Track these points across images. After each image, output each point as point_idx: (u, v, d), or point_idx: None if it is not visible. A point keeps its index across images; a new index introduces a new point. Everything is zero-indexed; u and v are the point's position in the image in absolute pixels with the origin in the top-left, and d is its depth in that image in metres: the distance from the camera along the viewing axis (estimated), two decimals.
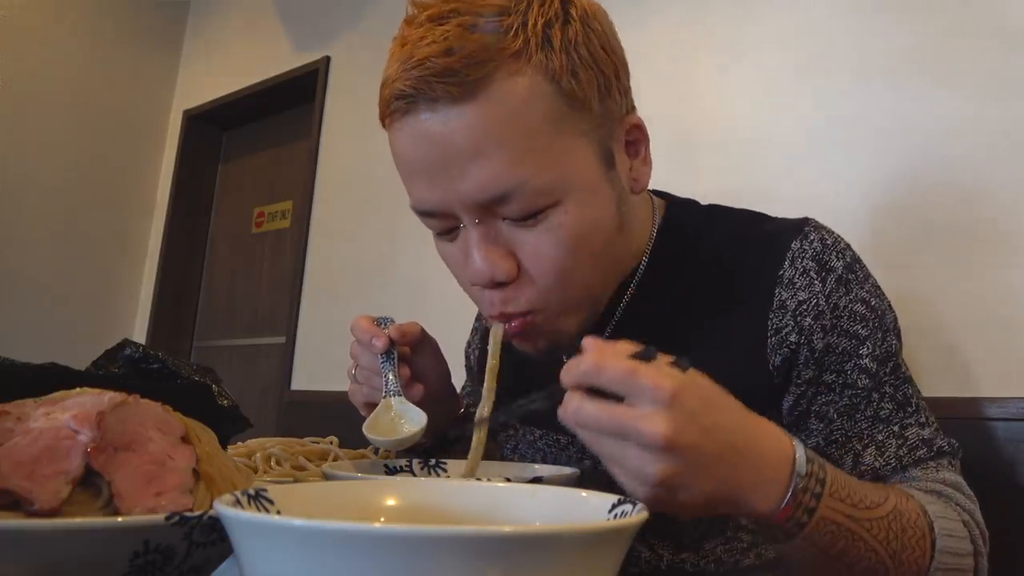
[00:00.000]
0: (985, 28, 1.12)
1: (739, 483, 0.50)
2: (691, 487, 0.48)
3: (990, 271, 1.05)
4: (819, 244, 0.69)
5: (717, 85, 1.41)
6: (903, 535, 0.57)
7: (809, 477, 0.52)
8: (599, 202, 0.64)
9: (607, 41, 0.64)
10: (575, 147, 0.62)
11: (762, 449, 0.51)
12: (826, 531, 0.53)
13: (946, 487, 0.65)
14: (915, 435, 0.67)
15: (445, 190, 0.61)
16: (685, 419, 0.46)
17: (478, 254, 0.62)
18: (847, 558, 0.55)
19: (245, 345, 2.70)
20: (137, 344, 0.58)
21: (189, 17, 3.15)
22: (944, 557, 0.59)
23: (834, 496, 0.53)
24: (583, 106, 0.61)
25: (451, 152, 0.59)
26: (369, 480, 0.49)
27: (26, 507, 0.38)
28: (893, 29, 1.21)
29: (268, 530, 0.29)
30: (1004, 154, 1.07)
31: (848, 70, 1.25)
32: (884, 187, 1.17)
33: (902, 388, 0.69)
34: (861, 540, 0.55)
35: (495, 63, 0.58)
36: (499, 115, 0.58)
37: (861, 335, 0.68)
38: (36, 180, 2.66)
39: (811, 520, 0.52)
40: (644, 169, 0.70)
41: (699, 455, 0.47)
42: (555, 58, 0.60)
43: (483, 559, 0.26)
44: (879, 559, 0.55)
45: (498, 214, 0.62)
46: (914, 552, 0.57)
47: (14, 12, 2.63)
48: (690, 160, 1.41)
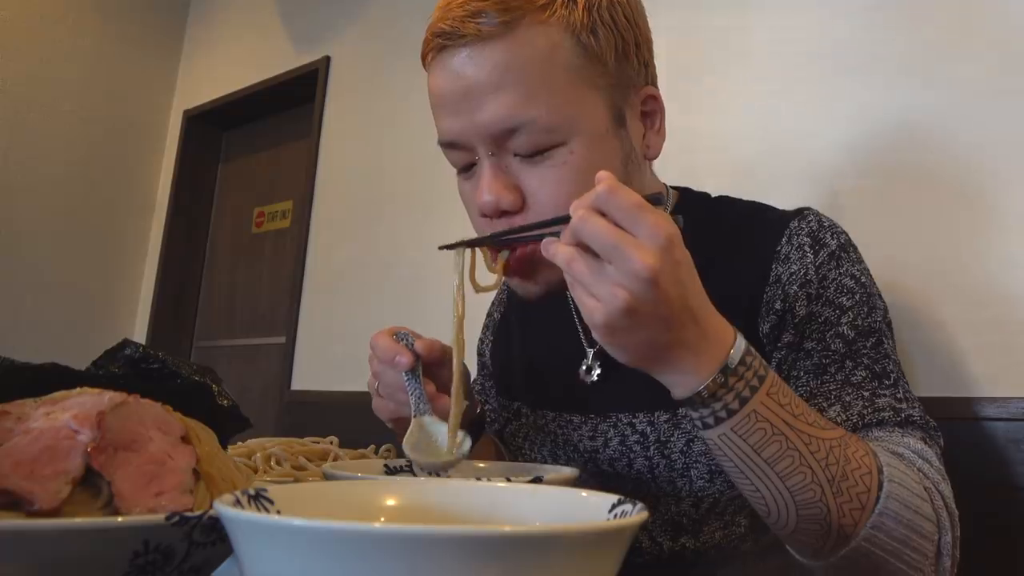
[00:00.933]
0: (985, 28, 1.12)
1: (679, 346, 0.54)
2: (640, 331, 0.52)
3: (990, 271, 1.05)
4: (816, 224, 0.73)
5: (717, 86, 1.41)
6: (846, 465, 0.56)
7: (746, 367, 0.54)
8: (603, 150, 0.69)
9: (631, 13, 0.71)
10: (587, 97, 0.68)
11: (710, 322, 0.55)
12: (757, 427, 0.54)
13: (910, 452, 0.63)
14: (886, 404, 0.66)
15: (465, 121, 0.67)
16: (670, 265, 0.51)
17: (486, 184, 0.68)
18: (778, 466, 0.55)
19: (245, 345, 2.70)
20: (137, 344, 0.58)
21: (189, 17, 3.15)
22: (892, 503, 0.57)
23: (772, 397, 0.55)
24: (599, 61, 0.68)
25: (473, 85, 0.66)
26: (369, 480, 0.49)
27: (26, 507, 0.38)
28: (893, 29, 1.21)
29: (268, 530, 0.29)
30: (1005, 154, 1.07)
31: (848, 70, 1.25)
32: (885, 187, 1.17)
33: (882, 362, 0.68)
34: (795, 451, 0.55)
35: (522, 11, 0.65)
36: (520, 56, 0.65)
37: (844, 306, 0.70)
38: (36, 180, 2.66)
39: (741, 409, 0.54)
40: (657, 139, 0.75)
41: (664, 304, 0.51)
42: (577, 14, 0.66)
43: (483, 559, 0.26)
44: (815, 478, 0.55)
45: (509, 149, 0.68)
46: (856, 486, 0.56)
47: (14, 12, 2.63)
48: (689, 161, 1.41)
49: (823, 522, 0.56)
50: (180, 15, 3.13)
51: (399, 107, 2.13)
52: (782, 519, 0.57)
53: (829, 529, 0.56)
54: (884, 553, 0.57)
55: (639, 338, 0.53)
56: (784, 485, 0.56)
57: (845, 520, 0.56)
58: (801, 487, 0.55)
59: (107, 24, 2.89)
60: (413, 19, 2.15)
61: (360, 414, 1.00)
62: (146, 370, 0.56)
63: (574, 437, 0.79)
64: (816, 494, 0.55)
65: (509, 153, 0.68)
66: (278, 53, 2.61)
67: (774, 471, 0.55)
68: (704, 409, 0.55)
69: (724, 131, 1.39)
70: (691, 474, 0.72)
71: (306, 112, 2.53)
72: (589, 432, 0.78)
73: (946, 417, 1.02)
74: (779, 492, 0.56)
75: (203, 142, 2.98)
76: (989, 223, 1.06)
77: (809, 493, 0.55)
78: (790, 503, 0.56)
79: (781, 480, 0.55)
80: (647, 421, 0.73)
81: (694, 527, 0.74)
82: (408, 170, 2.03)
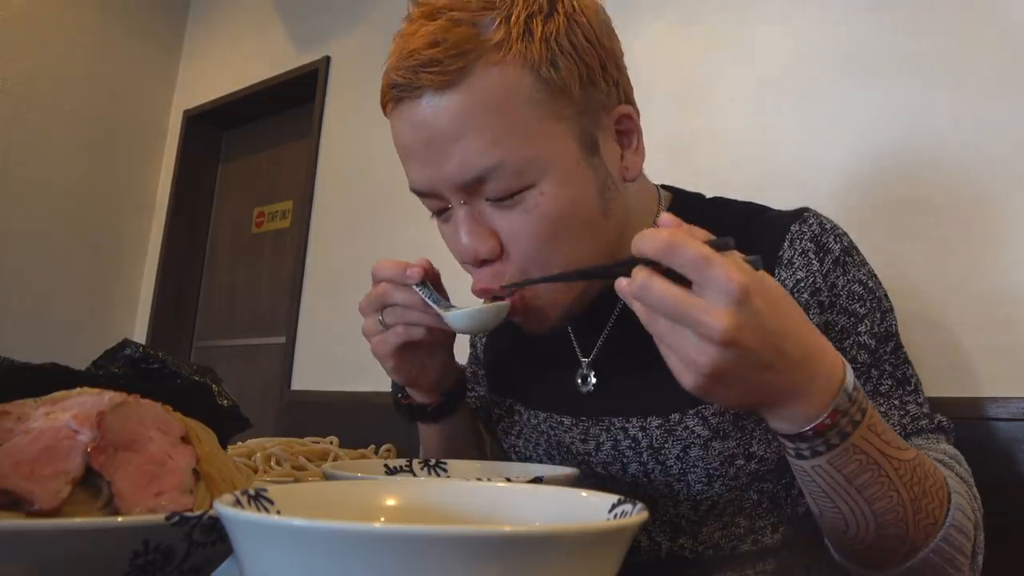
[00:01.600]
0: (985, 28, 1.12)
1: (784, 391, 0.51)
2: (737, 385, 0.50)
3: (990, 271, 1.05)
4: (817, 227, 0.71)
5: (716, 86, 1.41)
6: (924, 481, 0.56)
7: (853, 403, 0.52)
8: (576, 185, 0.66)
9: (593, 34, 0.67)
10: (553, 132, 0.65)
11: (814, 363, 0.51)
12: (854, 459, 0.53)
13: (948, 458, 0.65)
14: (915, 410, 0.68)
15: (432, 172, 0.66)
16: (749, 318, 0.47)
17: (463, 233, 0.67)
18: (868, 492, 0.54)
19: (245, 345, 2.70)
20: (137, 344, 0.58)
21: (189, 17, 3.15)
22: (957, 515, 0.58)
23: (871, 430, 0.53)
24: (563, 93, 0.64)
25: (436, 136, 0.64)
26: (369, 480, 0.49)
27: (26, 507, 0.38)
28: (893, 29, 1.21)
29: (268, 530, 0.29)
30: (1005, 153, 1.07)
31: (848, 71, 1.25)
32: (885, 187, 1.17)
33: (901, 368, 0.70)
34: (886, 477, 0.54)
35: (475, 54, 0.62)
36: (478, 101, 0.62)
37: (859, 313, 0.69)
38: (36, 180, 2.66)
39: (842, 443, 0.52)
40: (636, 158, 0.72)
41: (754, 356, 0.48)
42: (535, 48, 0.63)
43: (483, 559, 0.26)
44: (900, 500, 0.55)
45: (481, 194, 0.65)
46: (932, 501, 0.57)
47: (14, 12, 2.63)
48: (688, 160, 1.41)
49: (901, 539, 0.57)
50: (180, 15, 3.13)
51: None
52: (860, 535, 0.57)
53: (903, 544, 0.57)
54: (942, 561, 0.58)
55: (732, 393, 0.51)
56: (871, 508, 0.55)
57: (919, 536, 0.57)
58: (887, 509, 0.55)
59: (107, 24, 2.89)
60: None
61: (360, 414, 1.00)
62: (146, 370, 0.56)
63: (566, 439, 0.79)
64: (900, 515, 0.56)
65: (481, 199, 0.66)
66: (278, 53, 2.61)
67: (863, 496, 0.55)
68: (802, 443, 0.53)
69: (724, 131, 1.39)
70: (688, 478, 0.71)
71: (306, 112, 2.53)
72: (581, 435, 0.77)
73: (950, 417, 1.03)
74: (864, 514, 0.56)
75: (203, 142, 2.98)
76: (995, 224, 1.06)
77: (893, 514, 0.55)
78: (872, 523, 0.56)
79: (868, 504, 0.55)
80: (639, 427, 0.73)
81: (692, 528, 0.73)
82: None
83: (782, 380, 0.50)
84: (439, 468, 0.70)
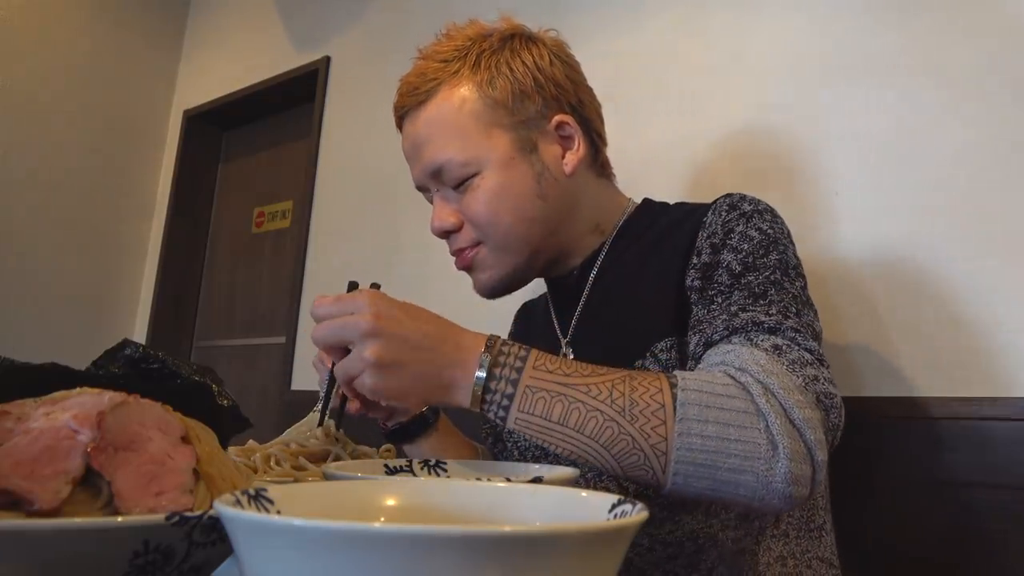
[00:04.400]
0: (984, 27, 1.12)
1: (443, 367, 0.63)
2: (403, 370, 0.62)
3: (990, 270, 1.05)
4: (738, 198, 0.83)
5: (715, 87, 1.41)
6: (632, 393, 0.62)
7: (505, 355, 0.63)
8: (513, 174, 0.85)
9: (532, 63, 0.87)
10: (492, 135, 0.85)
11: (456, 337, 0.64)
12: (537, 399, 0.62)
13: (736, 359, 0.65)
14: (751, 315, 0.69)
15: (416, 168, 0.90)
16: (385, 312, 0.62)
17: (434, 212, 0.89)
18: (572, 421, 0.61)
19: (245, 345, 2.70)
20: (137, 344, 0.58)
21: (189, 17, 3.15)
22: (690, 409, 0.60)
23: (540, 369, 0.63)
24: (500, 106, 0.86)
25: (415, 141, 0.88)
26: (369, 480, 0.49)
27: (26, 507, 0.38)
28: (893, 29, 1.21)
29: (268, 530, 0.29)
30: (1006, 153, 1.07)
31: (848, 70, 1.25)
32: (886, 187, 1.17)
33: (764, 287, 0.72)
34: (579, 403, 0.61)
35: (438, 80, 0.87)
36: (438, 113, 0.86)
37: (741, 249, 0.76)
38: (36, 180, 2.66)
39: (516, 391, 0.62)
40: (573, 157, 0.90)
41: (402, 339, 0.61)
42: (480, 74, 0.86)
43: (483, 559, 0.26)
44: (606, 417, 0.61)
45: (445, 183, 0.87)
46: (648, 407, 0.61)
47: (14, 12, 2.62)
48: (688, 161, 1.41)
49: (636, 451, 0.61)
50: (180, 15, 3.13)
51: None
52: (607, 465, 0.62)
53: (645, 454, 0.61)
54: (709, 454, 0.59)
55: (408, 378, 0.62)
56: (585, 435, 0.61)
57: (653, 439, 0.60)
58: (599, 430, 0.61)
59: (107, 24, 2.88)
60: (413, 19, 2.15)
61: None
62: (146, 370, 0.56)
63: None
64: (615, 430, 0.60)
65: (447, 187, 0.88)
66: (278, 53, 2.61)
67: (571, 428, 0.61)
68: (489, 406, 0.63)
69: (724, 131, 1.39)
70: None
71: (306, 112, 2.53)
72: None
73: (947, 417, 1.03)
74: (585, 444, 0.61)
75: (203, 142, 2.98)
76: (991, 223, 1.06)
77: (608, 431, 0.61)
78: (600, 448, 0.61)
79: (580, 432, 0.61)
80: None
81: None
82: (408, 170, 2.03)
83: (436, 357, 0.62)
84: (439, 468, 0.70)
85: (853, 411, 1.07)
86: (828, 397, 0.64)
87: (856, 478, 1.05)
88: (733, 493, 0.60)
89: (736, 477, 0.59)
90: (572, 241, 0.92)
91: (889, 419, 1.07)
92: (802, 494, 0.60)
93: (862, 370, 1.12)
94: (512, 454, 0.94)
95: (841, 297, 1.16)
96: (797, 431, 0.61)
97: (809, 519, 0.81)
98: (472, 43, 0.88)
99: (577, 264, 0.93)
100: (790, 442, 0.60)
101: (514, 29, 0.91)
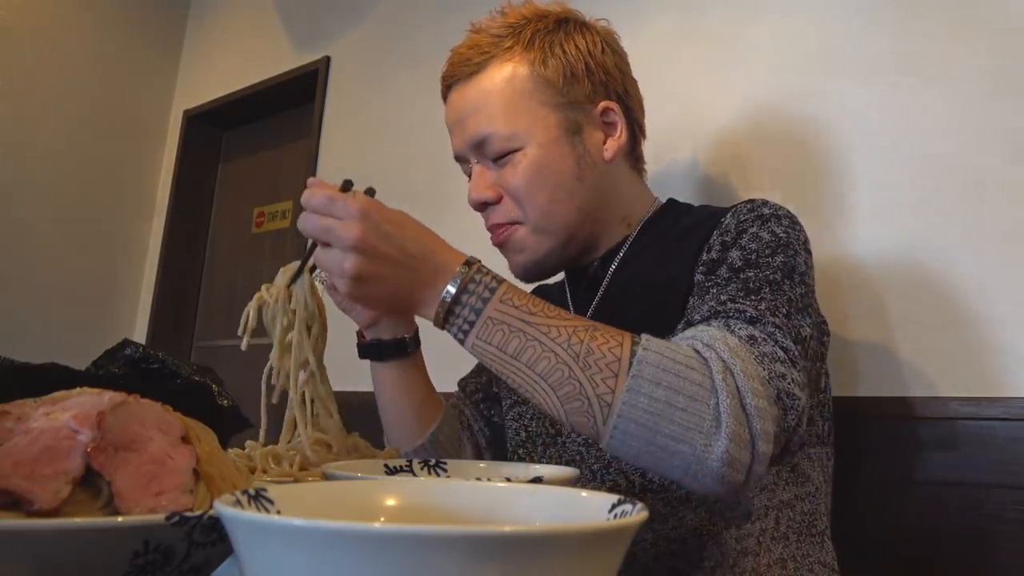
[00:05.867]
0: (985, 28, 1.12)
1: (417, 284, 0.66)
2: (380, 284, 0.65)
3: (991, 270, 1.05)
4: (760, 202, 0.84)
5: (715, 87, 1.41)
6: (591, 342, 0.63)
7: (476, 283, 0.65)
8: (555, 153, 0.87)
9: (585, 48, 0.89)
10: (538, 113, 0.87)
11: (435, 256, 0.67)
12: (496, 330, 0.64)
13: (707, 337, 0.65)
14: (738, 306, 0.69)
15: (458, 139, 0.91)
16: (371, 227, 0.64)
17: (472, 185, 0.90)
18: (525, 357, 0.63)
19: None
20: (137, 344, 0.58)
21: (189, 17, 3.15)
22: (646, 368, 0.60)
23: (505, 303, 0.65)
24: (549, 85, 0.87)
25: (461, 112, 0.89)
26: (369, 480, 0.49)
27: (26, 507, 0.38)
28: (895, 29, 1.21)
29: (268, 530, 0.29)
30: (1005, 153, 1.07)
31: (847, 70, 1.25)
32: (887, 186, 1.17)
33: (758, 284, 0.72)
34: (536, 340, 0.63)
35: (491, 54, 0.88)
36: (487, 86, 0.87)
37: (750, 249, 0.76)
38: (36, 180, 2.66)
39: (479, 318, 0.65)
40: (613, 144, 0.91)
41: (383, 256, 0.64)
42: (533, 52, 0.88)
43: (483, 559, 0.26)
44: (559, 358, 0.62)
45: (486, 155, 0.88)
46: (604, 357, 0.62)
47: (13, 12, 2.62)
48: (687, 161, 1.41)
49: (582, 397, 0.61)
50: (180, 15, 3.13)
51: (399, 107, 2.13)
52: (551, 405, 0.63)
53: (590, 402, 0.61)
54: (652, 416, 0.59)
55: (383, 292, 0.66)
56: (535, 373, 0.63)
57: (600, 389, 0.61)
58: (549, 370, 0.62)
59: (107, 24, 2.88)
60: (413, 19, 2.15)
61: (360, 414, 1.00)
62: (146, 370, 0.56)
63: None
64: (565, 373, 0.62)
65: (488, 159, 0.88)
66: (278, 53, 2.61)
67: (523, 363, 0.63)
68: (451, 327, 0.66)
69: (726, 130, 1.39)
70: None
71: (306, 112, 2.53)
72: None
73: (947, 417, 1.03)
74: (534, 381, 0.63)
75: (203, 142, 2.98)
76: (992, 223, 1.06)
77: (558, 373, 0.62)
78: (547, 388, 0.62)
79: (531, 369, 0.63)
80: None
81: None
82: (408, 170, 2.03)
83: (412, 276, 0.65)
84: (439, 468, 0.70)
85: (852, 411, 1.08)
86: (789, 397, 0.63)
87: (856, 478, 1.05)
88: (668, 463, 0.60)
89: (673, 445, 0.59)
90: (602, 229, 0.92)
91: (889, 419, 1.07)
92: (736, 479, 0.60)
93: (862, 370, 1.12)
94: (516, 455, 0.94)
95: (841, 297, 1.16)
96: (746, 416, 0.60)
97: (811, 524, 0.81)
98: (527, 22, 0.89)
99: (600, 254, 0.94)
100: (735, 425, 0.59)
101: (568, 13, 0.93)
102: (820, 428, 0.86)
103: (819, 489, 0.83)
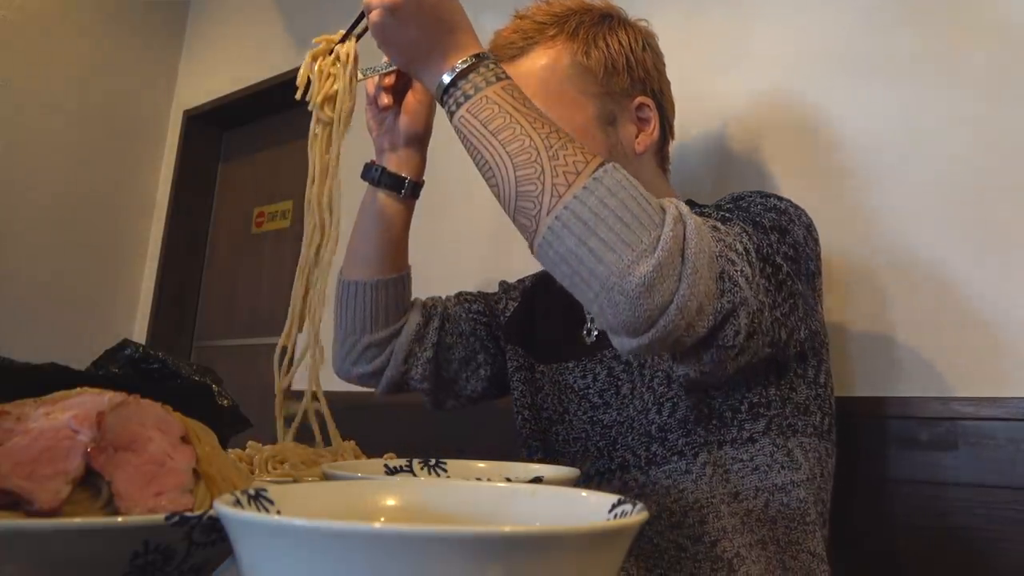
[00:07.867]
0: (986, 27, 1.12)
1: (437, 46, 0.72)
2: (405, 27, 0.72)
3: (991, 270, 1.05)
4: (769, 192, 0.84)
5: (715, 87, 1.41)
6: (569, 143, 0.66)
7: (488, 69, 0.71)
8: (587, 141, 0.87)
9: (628, 44, 0.93)
10: (576, 100, 0.90)
11: (461, 38, 0.73)
12: (486, 107, 0.68)
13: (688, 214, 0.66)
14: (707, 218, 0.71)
15: None
16: None
17: None
18: (502, 136, 0.67)
19: (245, 345, 2.70)
20: (137, 344, 0.58)
21: (189, 17, 3.15)
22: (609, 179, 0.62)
23: (507, 92, 0.69)
24: (590, 74, 0.91)
25: None
26: (369, 480, 0.49)
27: (26, 507, 0.38)
28: (898, 29, 1.21)
29: (268, 530, 0.29)
30: (1006, 153, 1.07)
31: (846, 71, 1.25)
32: (888, 186, 1.17)
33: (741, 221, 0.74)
34: (518, 124, 0.67)
35: (535, 39, 0.92)
36: (528, 70, 0.91)
37: (742, 207, 0.79)
38: (36, 180, 2.66)
39: (476, 94, 0.69)
40: (646, 138, 0.95)
41: (418, 9, 0.71)
42: (576, 42, 0.91)
43: (483, 559, 0.26)
44: (532, 143, 0.66)
45: None
46: (574, 156, 0.65)
47: (13, 12, 2.62)
48: (687, 162, 1.41)
49: (539, 181, 0.64)
50: (180, 15, 3.13)
51: None
52: (506, 182, 0.66)
53: (544, 187, 0.64)
54: (595, 217, 0.61)
55: (405, 39, 0.72)
56: (505, 150, 0.66)
57: (559, 180, 0.64)
58: (519, 150, 0.66)
59: (107, 24, 2.88)
60: None
61: (361, 415, 1.00)
62: (146, 370, 0.56)
63: (569, 379, 0.95)
64: (532, 156, 0.65)
65: None
66: (279, 52, 2.61)
67: (498, 140, 0.67)
68: (449, 99, 0.71)
69: (728, 130, 1.39)
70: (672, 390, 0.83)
71: (306, 112, 2.52)
72: (581, 372, 0.93)
73: (947, 417, 1.03)
74: (500, 157, 0.66)
75: (203, 142, 2.98)
76: (993, 222, 1.06)
77: (526, 155, 0.65)
78: (509, 166, 0.66)
79: (502, 145, 0.66)
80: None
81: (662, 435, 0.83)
82: None
83: (435, 39, 0.71)
84: (439, 468, 0.70)
85: (852, 411, 1.08)
86: (731, 282, 0.63)
87: (856, 478, 1.05)
88: (591, 269, 0.60)
89: (602, 251, 0.59)
90: None
91: (889, 419, 1.07)
92: (650, 306, 0.58)
93: (861, 369, 1.12)
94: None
95: (841, 297, 1.16)
96: (682, 260, 0.60)
97: (803, 512, 0.82)
98: (572, 13, 0.93)
99: None
100: (668, 258, 0.59)
101: (612, 9, 0.97)
102: (818, 420, 0.86)
103: (812, 479, 0.84)
